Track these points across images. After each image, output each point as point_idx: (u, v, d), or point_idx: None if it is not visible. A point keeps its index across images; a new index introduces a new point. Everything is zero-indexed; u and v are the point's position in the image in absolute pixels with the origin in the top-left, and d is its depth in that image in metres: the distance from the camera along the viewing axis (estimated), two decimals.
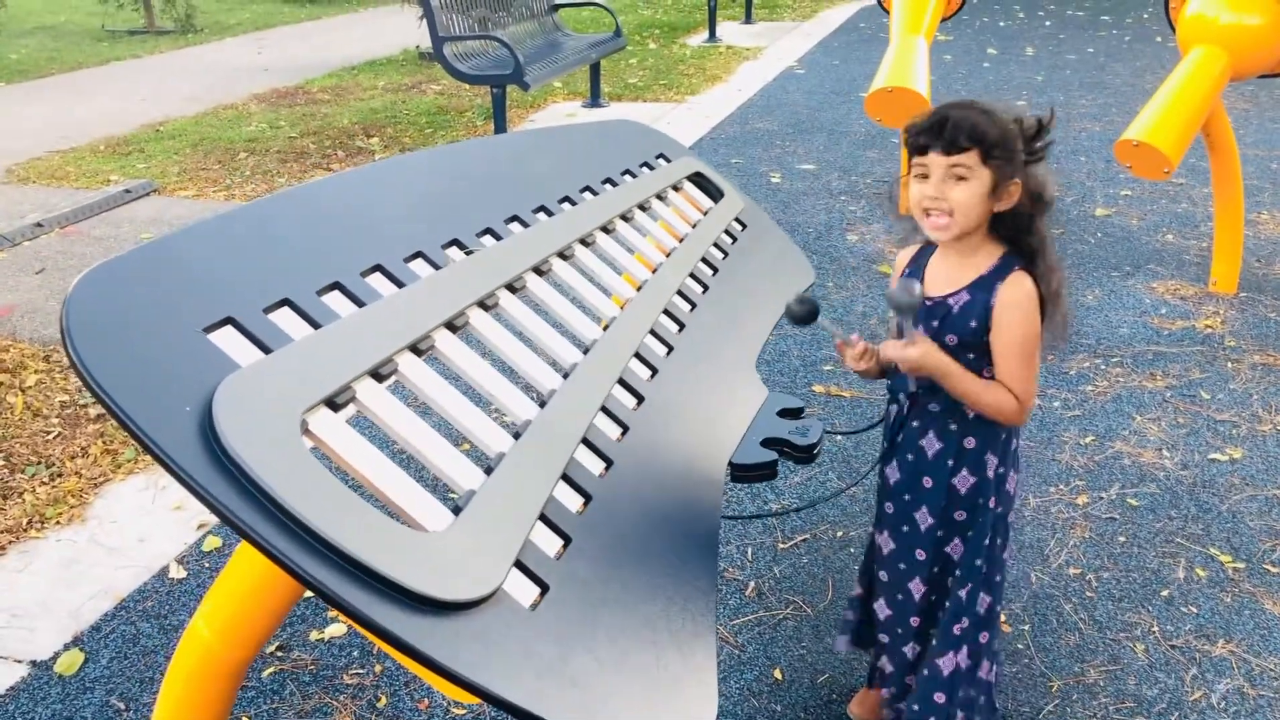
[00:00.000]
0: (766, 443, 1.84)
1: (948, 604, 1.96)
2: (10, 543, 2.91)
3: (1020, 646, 2.45)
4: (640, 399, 1.70)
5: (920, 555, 1.94)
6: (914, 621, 1.99)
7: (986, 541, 1.91)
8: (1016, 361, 1.79)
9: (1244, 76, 4.26)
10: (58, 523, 3.00)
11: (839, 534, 2.90)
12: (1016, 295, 1.77)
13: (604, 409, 1.59)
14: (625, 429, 1.60)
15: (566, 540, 1.32)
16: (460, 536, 1.19)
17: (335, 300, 1.39)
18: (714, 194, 2.59)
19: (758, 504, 3.05)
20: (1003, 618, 2.53)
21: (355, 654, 2.47)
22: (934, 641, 1.98)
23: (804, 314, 1.83)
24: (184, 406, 1.09)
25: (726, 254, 2.36)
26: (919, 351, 1.78)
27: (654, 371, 1.79)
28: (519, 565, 1.22)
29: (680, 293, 2.08)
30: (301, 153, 7.05)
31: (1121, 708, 2.27)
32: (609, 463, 1.50)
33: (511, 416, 1.47)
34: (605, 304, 1.87)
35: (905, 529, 1.96)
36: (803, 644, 2.48)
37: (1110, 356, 3.94)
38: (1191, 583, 2.67)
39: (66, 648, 2.49)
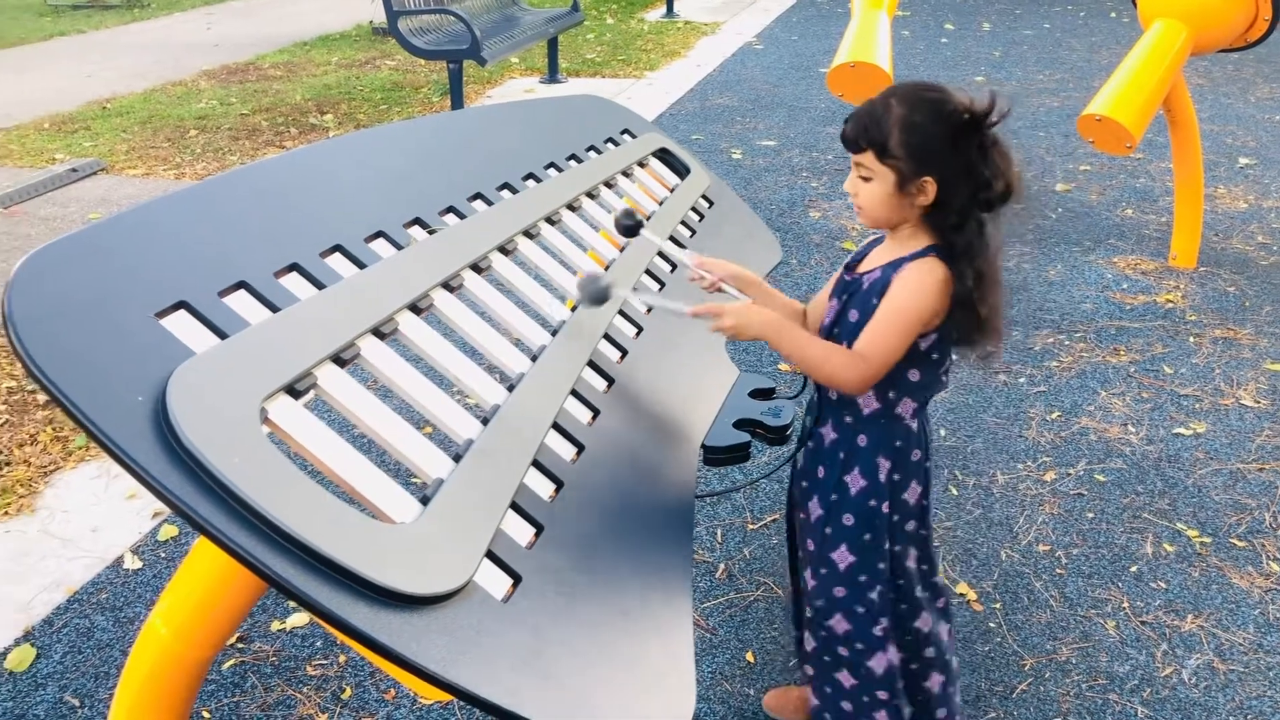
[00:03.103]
0: (739, 424, 1.80)
1: (818, 603, 1.86)
2: None
3: (992, 625, 2.44)
4: (610, 381, 1.66)
5: (810, 546, 1.87)
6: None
7: (886, 547, 1.80)
8: (882, 325, 1.66)
9: (1204, 51, 4.27)
10: (6, 513, 2.91)
11: None
12: (915, 272, 1.66)
13: (574, 392, 1.55)
14: (596, 412, 1.56)
15: (539, 528, 1.28)
16: (429, 527, 1.15)
17: (293, 282, 1.33)
18: (680, 170, 2.55)
19: (725, 484, 3.02)
20: (973, 596, 2.52)
21: (318, 644, 2.41)
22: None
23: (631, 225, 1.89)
24: (136, 395, 1.04)
25: (694, 231, 2.32)
26: (731, 321, 1.66)
27: (624, 353, 1.75)
28: (490, 556, 1.18)
29: (648, 271, 2.04)
30: (254, 130, 6.91)
31: (1094, 684, 2.27)
32: (580, 448, 1.46)
33: (479, 401, 1.43)
34: (573, 284, 1.82)
35: (802, 516, 1.90)
36: (774, 626, 2.45)
37: (1074, 332, 3.95)
38: (1160, 558, 2.68)
39: (17, 643, 2.41)
